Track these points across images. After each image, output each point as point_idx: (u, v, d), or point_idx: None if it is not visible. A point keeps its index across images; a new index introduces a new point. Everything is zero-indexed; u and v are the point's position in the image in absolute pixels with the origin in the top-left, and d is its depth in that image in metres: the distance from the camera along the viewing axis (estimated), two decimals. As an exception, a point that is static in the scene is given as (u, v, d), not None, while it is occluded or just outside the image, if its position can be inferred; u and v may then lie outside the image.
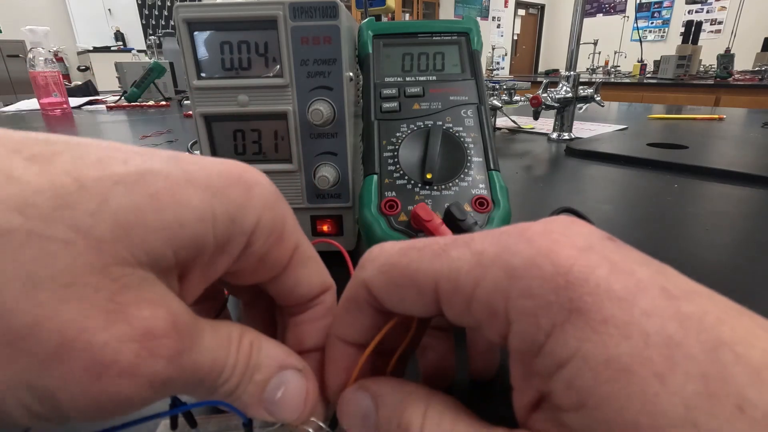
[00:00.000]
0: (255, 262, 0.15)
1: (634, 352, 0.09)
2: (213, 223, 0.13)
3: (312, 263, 0.17)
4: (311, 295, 0.17)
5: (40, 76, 1.20)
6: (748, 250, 0.35)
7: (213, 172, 0.13)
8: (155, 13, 4.59)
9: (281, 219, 0.15)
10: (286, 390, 0.15)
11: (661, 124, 0.95)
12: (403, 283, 0.13)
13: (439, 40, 0.34)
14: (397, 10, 4.47)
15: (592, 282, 0.10)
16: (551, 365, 0.10)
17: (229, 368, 0.13)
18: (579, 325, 0.10)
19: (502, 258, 0.12)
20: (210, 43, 0.29)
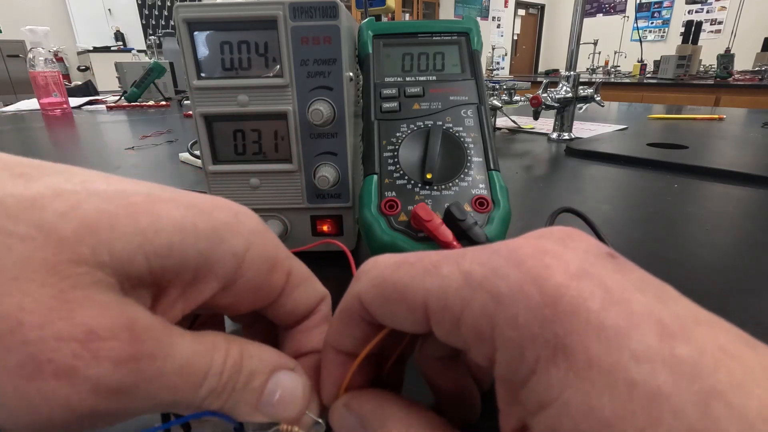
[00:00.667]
0: (251, 292, 0.15)
1: (616, 405, 0.09)
2: (195, 237, 0.12)
3: (305, 283, 0.17)
4: (308, 312, 0.17)
5: (40, 76, 1.20)
6: (749, 250, 0.35)
7: (199, 197, 0.13)
8: (155, 13, 4.59)
9: (273, 246, 0.15)
10: (283, 391, 0.15)
11: (661, 124, 0.95)
12: (393, 298, 0.13)
13: (439, 40, 0.34)
14: (397, 10, 4.47)
15: (582, 317, 0.10)
16: (533, 403, 0.10)
17: (213, 377, 0.13)
18: (563, 366, 0.10)
19: (490, 281, 0.11)
20: (210, 43, 0.29)
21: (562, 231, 0.12)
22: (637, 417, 0.09)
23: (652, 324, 0.10)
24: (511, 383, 0.11)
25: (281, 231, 0.33)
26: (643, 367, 0.09)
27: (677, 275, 0.30)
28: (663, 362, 0.09)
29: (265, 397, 0.14)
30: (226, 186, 0.32)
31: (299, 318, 0.17)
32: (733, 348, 0.09)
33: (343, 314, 0.15)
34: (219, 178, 0.32)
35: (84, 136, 0.92)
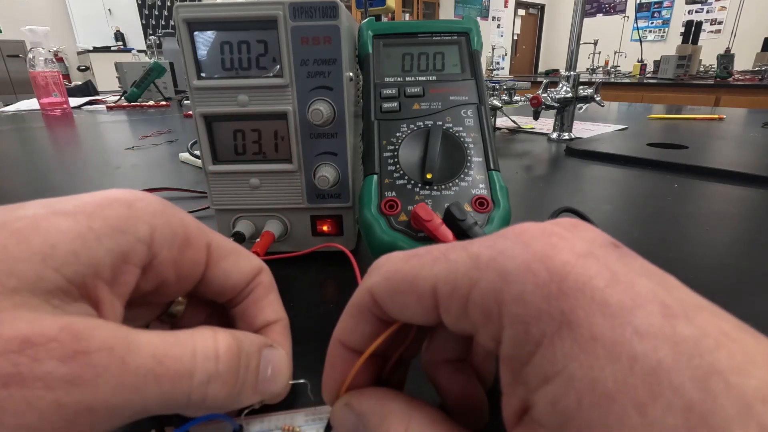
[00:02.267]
0: (171, 270, 0.15)
1: (618, 378, 0.09)
2: (96, 238, 0.13)
3: (233, 254, 0.17)
4: (245, 281, 0.18)
5: (40, 76, 1.20)
6: (749, 250, 0.35)
7: (85, 201, 0.14)
8: (155, 13, 4.59)
9: (179, 223, 0.16)
10: (273, 365, 0.15)
11: (661, 124, 0.95)
12: (404, 289, 0.13)
13: (439, 40, 0.34)
14: (397, 10, 4.47)
15: (587, 293, 0.10)
16: (537, 379, 0.10)
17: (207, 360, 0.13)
18: (568, 340, 0.10)
19: (498, 261, 0.11)
20: (210, 43, 0.29)
21: (568, 221, 0.13)
22: (638, 390, 0.09)
23: (655, 305, 0.10)
24: (516, 361, 0.11)
25: (281, 231, 0.33)
26: (645, 343, 0.09)
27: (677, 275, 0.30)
28: (665, 339, 0.09)
29: (261, 375, 0.15)
30: (226, 186, 0.32)
31: (237, 290, 0.18)
32: (734, 333, 0.09)
33: (353, 309, 0.15)
34: (219, 178, 0.32)
35: (84, 136, 0.92)
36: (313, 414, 0.17)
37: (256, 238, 0.33)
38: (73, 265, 0.12)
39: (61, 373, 0.11)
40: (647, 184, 0.53)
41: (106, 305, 0.13)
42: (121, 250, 0.14)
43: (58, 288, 0.12)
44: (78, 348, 0.11)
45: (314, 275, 0.31)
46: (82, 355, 0.11)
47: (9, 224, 0.12)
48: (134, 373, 0.12)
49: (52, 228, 0.13)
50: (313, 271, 0.32)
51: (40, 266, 0.12)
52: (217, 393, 0.13)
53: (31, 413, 0.10)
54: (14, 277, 0.11)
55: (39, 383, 0.10)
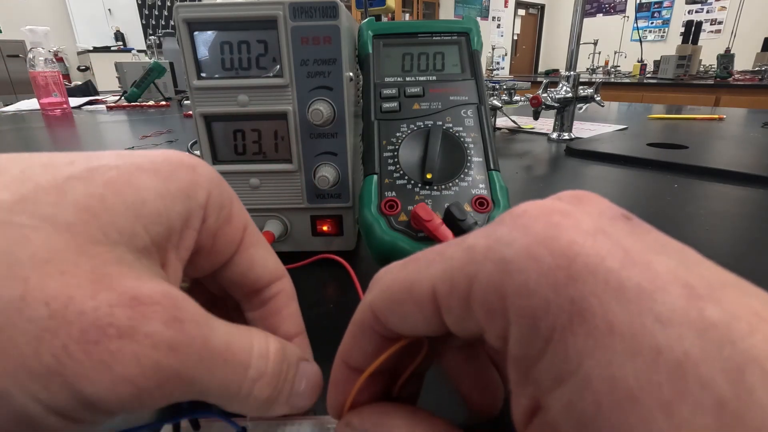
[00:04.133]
0: (211, 239, 0.15)
1: (640, 375, 0.08)
2: (172, 200, 0.13)
3: (263, 245, 0.17)
4: (267, 278, 0.17)
5: (40, 76, 1.20)
6: (749, 249, 0.35)
7: (158, 160, 0.14)
8: (155, 13, 4.59)
9: (228, 196, 0.16)
10: (308, 380, 0.15)
11: (661, 124, 0.95)
12: (402, 298, 0.12)
13: (439, 40, 0.34)
14: (397, 10, 4.47)
15: (600, 277, 0.09)
16: (549, 379, 0.09)
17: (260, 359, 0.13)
18: (581, 334, 0.09)
19: (495, 250, 0.10)
20: (210, 43, 0.29)
21: (571, 193, 0.12)
22: (663, 388, 0.08)
23: (677, 286, 0.09)
24: (524, 360, 0.10)
25: (281, 231, 0.33)
26: (669, 332, 0.08)
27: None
28: (690, 326, 0.08)
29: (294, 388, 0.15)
30: (226, 186, 0.32)
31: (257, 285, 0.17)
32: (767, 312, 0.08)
33: (355, 327, 0.15)
34: (219, 178, 0.32)
35: (84, 136, 0.92)
36: (320, 425, 0.16)
37: (256, 238, 0.33)
38: (157, 225, 0.13)
39: (165, 336, 0.11)
40: (647, 184, 0.53)
41: (171, 269, 0.13)
42: (188, 214, 0.14)
43: (145, 248, 0.12)
44: (175, 315, 0.11)
45: (314, 275, 0.31)
46: (179, 322, 0.11)
47: (100, 172, 0.12)
48: (212, 351, 0.12)
49: (140, 184, 0.13)
50: (313, 271, 0.32)
51: (134, 222, 0.12)
52: (261, 392, 0.13)
53: (135, 367, 0.10)
54: (115, 230, 0.12)
55: (147, 340, 0.11)
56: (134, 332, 0.11)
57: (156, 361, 0.11)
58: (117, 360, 0.10)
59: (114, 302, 0.11)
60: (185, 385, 0.12)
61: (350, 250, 0.34)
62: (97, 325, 0.10)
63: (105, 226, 0.11)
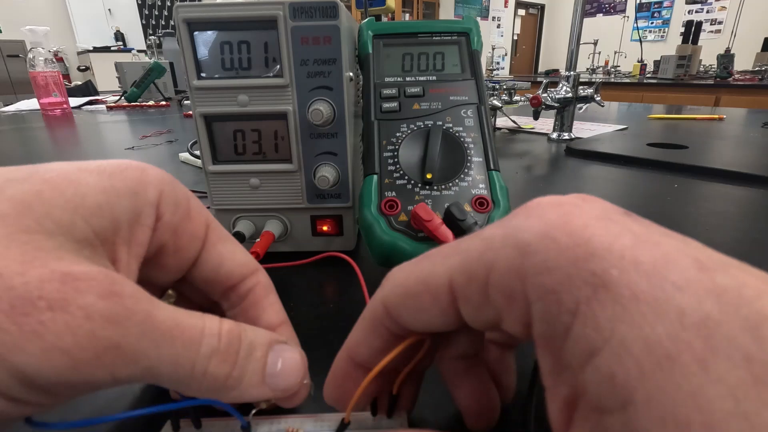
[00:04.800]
0: (171, 236, 0.16)
1: (672, 334, 0.08)
2: (117, 195, 0.14)
3: (230, 241, 0.18)
4: (239, 273, 0.17)
5: (40, 76, 1.20)
6: (749, 249, 0.35)
7: (104, 164, 0.14)
8: (155, 13, 4.59)
9: (184, 195, 0.16)
10: (284, 361, 0.15)
11: (661, 124, 0.95)
12: (418, 291, 0.13)
13: (439, 40, 0.34)
14: (397, 10, 4.47)
15: (616, 252, 0.09)
16: (583, 352, 0.09)
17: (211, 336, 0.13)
18: (608, 302, 0.09)
19: (512, 236, 0.11)
20: (210, 43, 0.29)
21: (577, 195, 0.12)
22: (695, 345, 0.08)
23: (688, 259, 0.09)
24: (553, 339, 0.10)
25: (281, 231, 0.33)
26: (688, 296, 0.09)
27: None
28: (707, 291, 0.09)
29: (269, 368, 0.15)
30: (226, 186, 0.32)
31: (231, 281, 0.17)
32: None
33: (364, 322, 0.15)
34: (219, 178, 0.32)
35: (84, 136, 0.92)
36: (322, 421, 0.16)
37: (256, 238, 0.33)
38: (99, 218, 0.13)
39: (100, 307, 0.11)
40: (647, 184, 0.53)
41: (123, 264, 0.14)
42: (136, 210, 0.14)
43: (87, 239, 0.13)
44: (113, 290, 0.12)
45: (314, 275, 0.31)
46: (118, 296, 0.12)
47: (40, 174, 0.13)
48: (157, 326, 0.12)
49: (81, 180, 0.13)
50: (313, 271, 0.32)
51: (72, 214, 0.12)
52: (217, 369, 0.13)
53: (68, 337, 0.11)
54: (51, 220, 0.12)
55: (80, 312, 0.11)
56: (66, 304, 0.11)
57: (90, 331, 0.11)
58: (48, 330, 0.10)
59: (45, 278, 0.11)
60: (128, 359, 0.12)
61: (350, 251, 0.34)
62: (26, 299, 0.10)
63: (40, 217, 0.12)
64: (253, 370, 0.14)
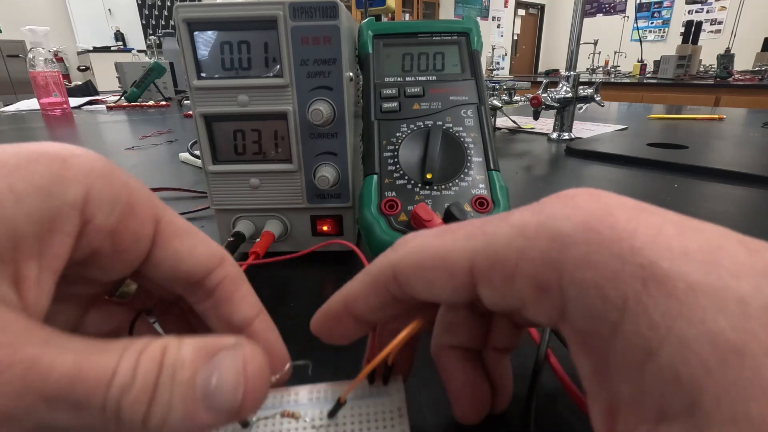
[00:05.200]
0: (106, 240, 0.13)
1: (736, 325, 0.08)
2: (15, 199, 0.11)
3: (189, 235, 0.15)
4: (203, 268, 0.15)
5: (40, 76, 1.20)
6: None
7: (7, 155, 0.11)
8: (155, 13, 4.59)
9: (124, 188, 0.13)
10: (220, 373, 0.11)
11: (661, 124, 0.95)
12: (433, 264, 0.12)
13: (439, 40, 0.34)
14: (397, 10, 4.47)
15: (663, 244, 0.09)
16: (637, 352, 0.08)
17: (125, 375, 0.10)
18: (660, 296, 0.08)
19: (549, 226, 0.10)
20: (210, 43, 0.29)
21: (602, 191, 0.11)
22: (760, 334, 0.08)
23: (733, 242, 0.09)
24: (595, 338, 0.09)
25: (281, 231, 0.33)
26: (746, 282, 0.08)
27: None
28: (762, 274, 0.08)
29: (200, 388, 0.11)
30: (226, 186, 0.32)
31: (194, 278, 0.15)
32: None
33: (368, 278, 0.14)
34: (219, 178, 0.32)
35: (84, 136, 0.92)
36: (317, 392, 0.16)
37: (256, 238, 0.33)
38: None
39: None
40: (647, 184, 0.53)
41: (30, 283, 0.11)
42: (47, 217, 0.11)
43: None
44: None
45: (314, 275, 0.31)
46: None
47: None
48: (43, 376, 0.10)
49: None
50: (313, 271, 0.32)
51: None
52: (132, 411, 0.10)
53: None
54: None
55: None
56: None
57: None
58: None
59: None
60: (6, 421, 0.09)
61: (350, 251, 0.34)
62: None
63: None
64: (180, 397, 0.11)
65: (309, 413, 0.15)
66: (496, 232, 0.11)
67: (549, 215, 0.11)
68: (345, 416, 0.15)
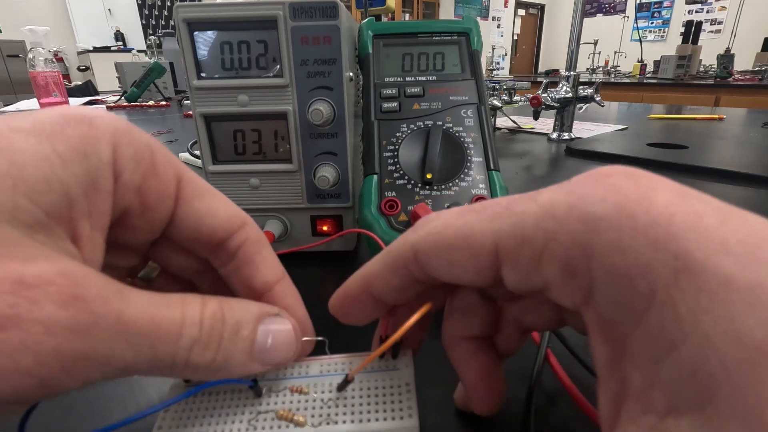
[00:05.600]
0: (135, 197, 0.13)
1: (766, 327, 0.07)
2: (62, 162, 0.11)
3: (210, 195, 0.16)
4: (224, 228, 0.15)
5: (40, 76, 1.20)
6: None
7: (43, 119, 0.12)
8: (155, 13, 4.59)
9: (145, 146, 0.14)
10: (275, 336, 0.14)
11: (661, 124, 0.95)
12: (455, 244, 0.12)
13: (439, 40, 0.34)
14: (397, 10, 4.47)
15: (702, 233, 0.08)
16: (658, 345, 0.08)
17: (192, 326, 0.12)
18: (691, 290, 0.08)
19: (580, 208, 0.10)
20: (210, 43, 0.29)
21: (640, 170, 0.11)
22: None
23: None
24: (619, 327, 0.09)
25: (281, 231, 0.33)
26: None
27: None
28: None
29: (257, 345, 0.14)
30: (226, 186, 0.32)
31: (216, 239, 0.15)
32: None
33: (388, 258, 0.14)
34: (219, 178, 0.32)
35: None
36: (327, 365, 0.16)
37: (256, 238, 0.33)
38: (47, 193, 0.11)
39: (61, 318, 0.10)
40: (647, 184, 0.53)
41: (86, 241, 0.12)
42: (90, 177, 0.12)
43: (38, 222, 0.11)
44: (75, 293, 0.10)
45: (314, 275, 0.31)
46: (81, 301, 0.10)
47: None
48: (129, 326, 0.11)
49: (17, 147, 0.11)
50: (313, 271, 0.32)
51: (12, 193, 0.10)
52: (199, 358, 0.12)
53: (27, 357, 0.09)
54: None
55: (38, 327, 0.10)
56: (19, 320, 0.09)
57: (54, 348, 0.10)
58: (2, 353, 0.09)
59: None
60: (100, 366, 0.11)
61: (350, 251, 0.34)
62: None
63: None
64: (241, 350, 0.13)
65: (318, 385, 0.16)
66: (524, 211, 0.11)
67: (580, 196, 0.10)
68: (354, 389, 0.15)
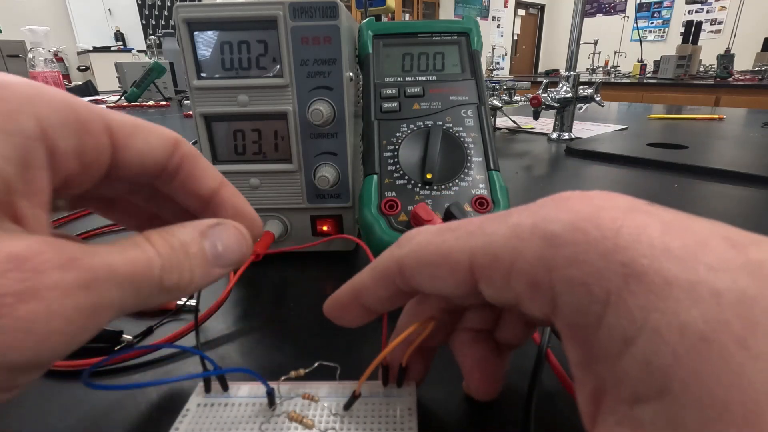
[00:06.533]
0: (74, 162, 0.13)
1: (708, 317, 0.08)
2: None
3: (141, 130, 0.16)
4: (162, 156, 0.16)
5: (40, 76, 1.20)
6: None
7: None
8: (155, 13, 4.59)
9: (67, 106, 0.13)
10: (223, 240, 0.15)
11: (661, 124, 0.95)
12: (435, 261, 0.13)
13: (439, 40, 0.34)
14: (397, 10, 4.47)
15: (645, 242, 0.09)
16: (616, 342, 0.09)
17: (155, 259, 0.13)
18: (639, 291, 0.09)
19: (541, 227, 0.11)
20: (210, 43, 0.29)
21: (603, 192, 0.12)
22: (732, 324, 0.08)
23: (718, 239, 0.09)
24: (583, 329, 0.10)
25: (281, 231, 0.33)
26: (722, 276, 0.09)
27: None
28: (741, 269, 0.09)
29: (210, 254, 0.15)
30: (226, 186, 0.32)
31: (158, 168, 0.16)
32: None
33: (375, 272, 0.15)
34: (219, 178, 0.32)
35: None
36: (336, 388, 0.17)
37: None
38: None
39: (70, 279, 0.11)
40: (647, 184, 0.53)
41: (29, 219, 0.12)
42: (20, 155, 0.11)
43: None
44: (69, 255, 0.11)
45: (314, 275, 0.31)
46: (76, 260, 0.11)
47: None
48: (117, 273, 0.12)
49: None
50: (313, 271, 0.32)
51: None
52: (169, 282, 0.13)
53: (56, 320, 0.10)
54: None
55: (55, 293, 0.10)
56: (36, 291, 0.10)
57: (75, 305, 0.11)
58: (33, 322, 0.10)
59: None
60: (109, 311, 0.12)
61: (350, 251, 0.34)
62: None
63: None
64: (198, 264, 0.14)
65: (327, 403, 0.17)
66: (494, 231, 0.12)
67: (542, 217, 0.11)
68: (359, 409, 0.16)
